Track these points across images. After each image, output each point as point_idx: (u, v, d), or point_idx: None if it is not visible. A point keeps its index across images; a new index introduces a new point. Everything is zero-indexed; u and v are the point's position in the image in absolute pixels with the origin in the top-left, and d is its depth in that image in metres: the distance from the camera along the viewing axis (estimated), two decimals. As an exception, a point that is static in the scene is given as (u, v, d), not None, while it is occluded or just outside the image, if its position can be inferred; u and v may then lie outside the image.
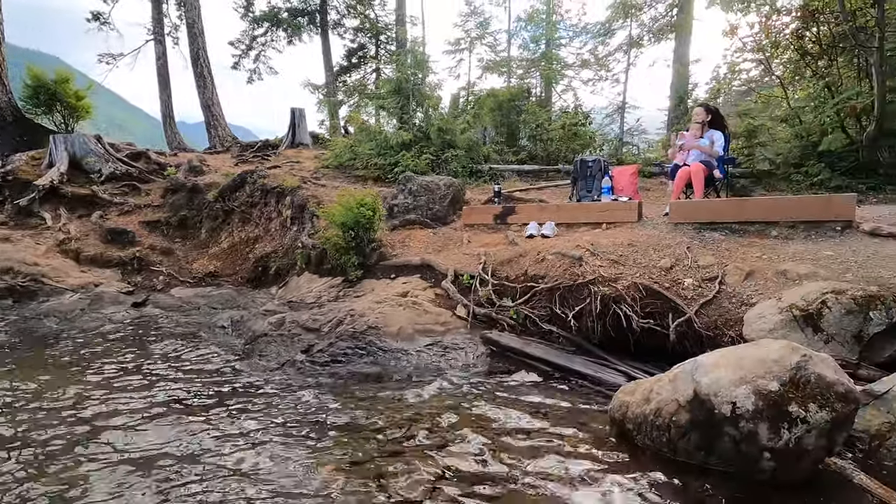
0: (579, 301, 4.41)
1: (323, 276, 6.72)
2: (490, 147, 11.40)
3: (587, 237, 5.27)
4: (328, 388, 3.70)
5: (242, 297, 7.00)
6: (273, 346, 4.63)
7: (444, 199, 7.24)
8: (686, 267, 4.32)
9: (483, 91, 14.74)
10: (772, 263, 4.08)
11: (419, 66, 11.19)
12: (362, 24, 20.21)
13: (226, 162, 12.16)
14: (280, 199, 8.68)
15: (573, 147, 11.14)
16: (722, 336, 3.69)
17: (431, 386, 3.70)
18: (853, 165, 7.73)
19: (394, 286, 5.70)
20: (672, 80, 15.49)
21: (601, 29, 18.92)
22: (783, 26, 9.60)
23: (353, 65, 21.10)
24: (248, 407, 3.28)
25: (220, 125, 15.66)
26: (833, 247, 4.15)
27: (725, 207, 4.95)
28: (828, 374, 2.15)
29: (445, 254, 6.05)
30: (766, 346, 2.36)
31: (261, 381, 3.85)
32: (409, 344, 4.47)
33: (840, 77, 8.89)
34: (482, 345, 4.40)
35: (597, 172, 6.49)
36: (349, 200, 6.09)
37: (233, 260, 8.40)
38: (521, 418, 3.04)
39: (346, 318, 4.81)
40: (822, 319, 3.17)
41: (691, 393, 2.35)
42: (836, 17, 8.27)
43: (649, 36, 17.67)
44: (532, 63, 17.38)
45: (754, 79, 12.86)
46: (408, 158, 9.80)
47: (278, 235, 8.29)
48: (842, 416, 2.10)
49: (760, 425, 2.14)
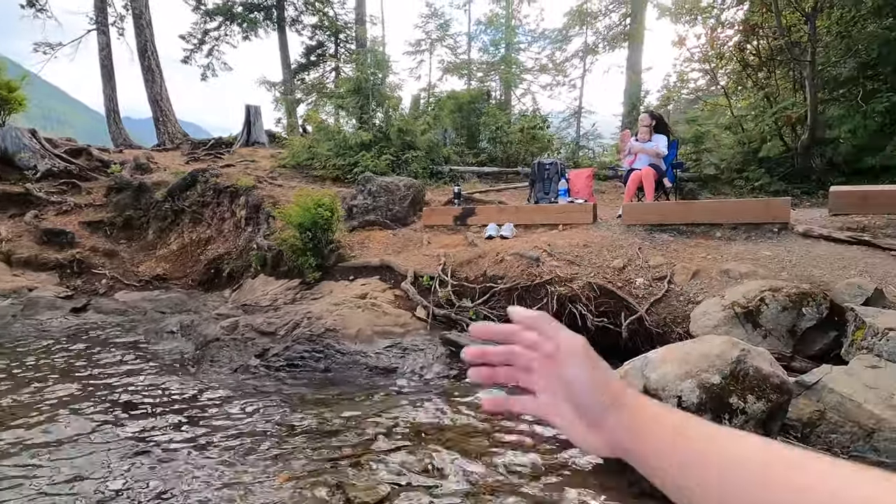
0: (537, 301, 4.50)
1: (279, 279, 6.54)
2: (450, 148, 11.45)
3: (545, 238, 5.37)
4: (284, 393, 3.61)
5: (193, 301, 6.72)
6: (226, 352, 4.47)
7: (404, 199, 7.21)
8: (637, 267, 4.48)
9: (443, 93, 14.81)
10: (716, 263, 4.29)
11: (379, 66, 11.10)
12: (321, 21, 19.85)
13: (175, 160, 11.66)
14: (234, 198, 8.40)
15: (532, 150, 11.35)
16: (671, 333, 3.85)
17: (390, 388, 3.68)
18: (789, 171, 8.25)
19: (353, 288, 5.63)
20: (625, 86, 16.06)
21: (558, 35, 19.39)
22: (727, 39, 10.16)
23: (311, 62, 20.68)
24: (198, 415, 3.15)
25: (170, 121, 14.99)
26: (771, 247, 4.41)
27: (674, 210, 5.17)
28: (764, 366, 2.28)
29: (405, 255, 6.03)
30: (709, 341, 2.48)
31: (212, 387, 3.71)
32: (367, 346, 4.41)
33: (778, 88, 9.48)
34: (441, 346, 4.41)
35: (554, 175, 6.64)
36: (307, 201, 5.97)
37: (183, 262, 8.05)
38: (479, 417, 3.07)
39: (303, 321, 4.70)
40: (761, 316, 3.36)
41: (641, 388, 2.44)
42: (773, 33, 8.82)
43: (604, 44, 18.26)
44: (492, 66, 17.60)
45: (701, 87, 13.51)
46: (367, 159, 9.70)
47: (232, 237, 8.02)
48: (777, 406, 2.24)
49: (704, 417, 2.24)
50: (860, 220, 4.38)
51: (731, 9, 10.19)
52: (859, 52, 7.67)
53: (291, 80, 19.59)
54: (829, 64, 8.09)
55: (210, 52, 19.21)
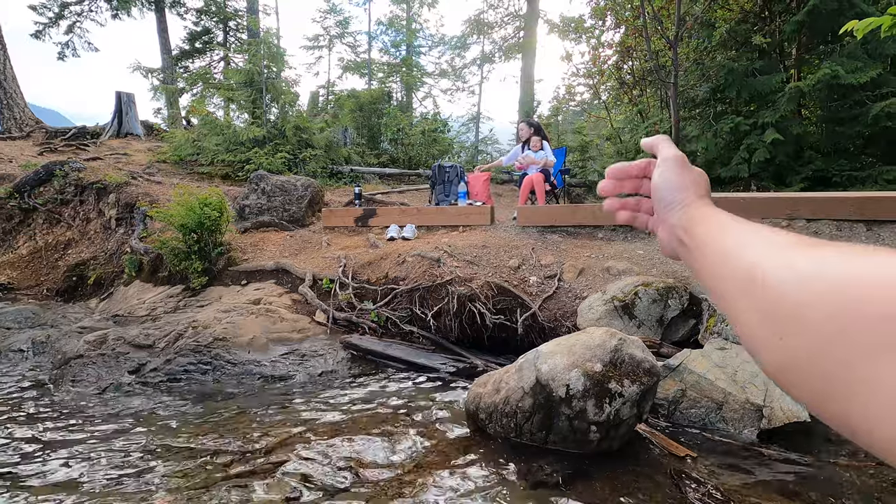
0: (438, 301, 4.57)
1: (159, 285, 5.93)
2: (351, 149, 11.24)
3: (445, 239, 5.48)
4: (164, 412, 3.27)
5: (50, 314, 5.83)
6: (91, 369, 3.93)
7: (301, 200, 6.92)
8: (531, 266, 4.75)
9: (344, 91, 14.49)
10: (599, 261, 4.69)
11: (274, 59, 10.55)
12: (207, 6, 18.36)
13: (25, 150, 10.05)
14: (102, 196, 7.45)
15: (433, 152, 11.54)
16: (561, 327, 4.14)
17: (286, 397, 3.50)
18: (658, 179, 9.29)
19: (245, 293, 5.27)
20: (520, 96, 16.99)
21: (457, 42, 19.97)
22: (607, 58, 11.20)
23: (196, 49, 19.03)
24: (55, 445, 2.74)
25: (17, 105, 12.85)
26: (644, 246, 4.93)
27: (562, 213, 5.56)
28: (637, 353, 2.54)
29: (303, 257, 5.79)
30: (592, 333, 2.70)
31: (73, 411, 3.24)
32: (262, 355, 4.16)
33: (649, 105, 10.66)
34: (342, 350, 4.30)
35: (454, 178, 6.81)
36: (191, 200, 5.47)
37: (35, 268, 6.96)
38: (381, 421, 3.04)
39: (186, 331, 4.30)
40: (636, 308, 3.74)
41: (534, 379, 2.59)
42: (644, 56, 9.89)
43: (500, 53, 19.16)
44: (393, 67, 17.62)
45: (586, 101, 14.73)
46: (261, 156, 9.16)
47: (99, 239, 7.10)
48: (648, 388, 2.50)
49: (588, 402, 2.44)
50: (712, 222, 5.08)
51: (610, 31, 11.24)
52: (710, 78, 8.88)
53: (173, 67, 17.85)
54: (688, 86, 9.25)
55: (70, 29, 16.85)
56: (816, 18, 7.21)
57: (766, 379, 2.76)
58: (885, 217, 4.49)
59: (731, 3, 8.58)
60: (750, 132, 7.97)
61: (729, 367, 2.87)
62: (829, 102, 7.51)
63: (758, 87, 7.90)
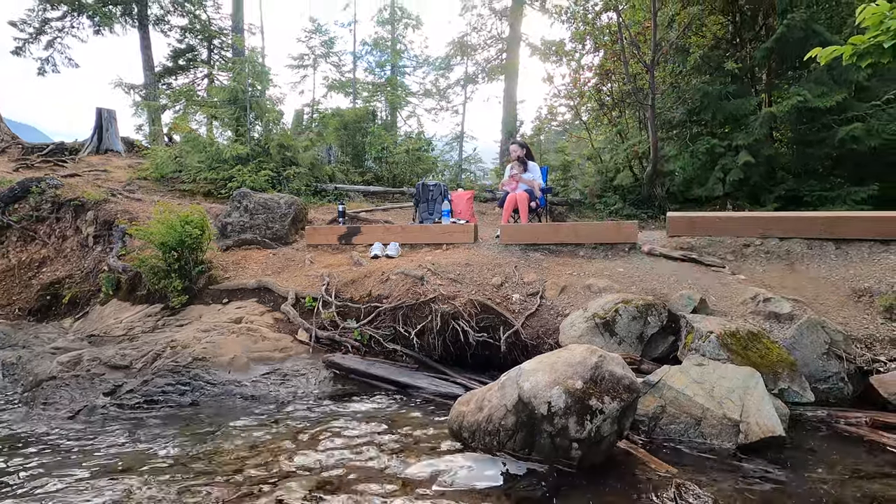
0: (421, 319, 4.57)
1: (137, 304, 5.81)
2: (335, 166, 11.27)
3: (429, 257, 5.51)
4: (140, 435, 3.19)
5: (21, 334, 5.66)
6: (65, 391, 3.83)
7: (284, 217, 6.90)
8: (514, 284, 4.79)
9: (328, 110, 14.58)
10: (580, 279, 4.76)
11: (259, 77, 10.59)
12: (192, 23, 18.38)
13: (0, 166, 9.85)
14: (79, 213, 7.32)
15: (417, 171, 11.63)
16: (543, 344, 4.17)
17: (267, 418, 3.45)
18: (639, 198, 9.51)
19: (226, 312, 5.20)
20: (503, 116, 17.28)
21: (442, 63, 20.31)
22: (587, 80, 11.51)
23: (180, 67, 18.96)
24: (21, 474, 2.65)
25: (-6, 120, 12.63)
26: (623, 264, 5.02)
27: (545, 231, 5.64)
28: (617, 370, 2.58)
29: (286, 275, 5.75)
30: (573, 350, 2.73)
31: (43, 436, 3.14)
32: (242, 375, 4.10)
33: (627, 126, 10.94)
34: (325, 369, 4.26)
35: (438, 196, 6.87)
36: (172, 217, 5.41)
37: (7, 287, 6.77)
38: (363, 441, 3.01)
39: (165, 351, 4.22)
40: (616, 325, 3.80)
41: (516, 397, 2.60)
42: (623, 79, 10.19)
43: (483, 75, 19.53)
44: (378, 87, 17.81)
45: (568, 121, 15.05)
46: (244, 174, 9.13)
47: (75, 257, 6.95)
48: (628, 404, 2.54)
49: (570, 419, 2.46)
50: (689, 241, 5.20)
51: (589, 54, 11.57)
52: (687, 101, 9.19)
53: (155, 83, 17.76)
54: (665, 108, 9.55)
55: (51, 45, 16.69)
56: (784, 45, 7.55)
57: (741, 394, 2.82)
58: (853, 236, 4.67)
59: (705, 30, 8.92)
60: (725, 153, 8.23)
61: (707, 382, 2.92)
62: (799, 125, 7.82)
63: (731, 110, 8.20)
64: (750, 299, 4.02)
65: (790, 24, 7.21)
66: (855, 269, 4.37)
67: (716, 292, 4.29)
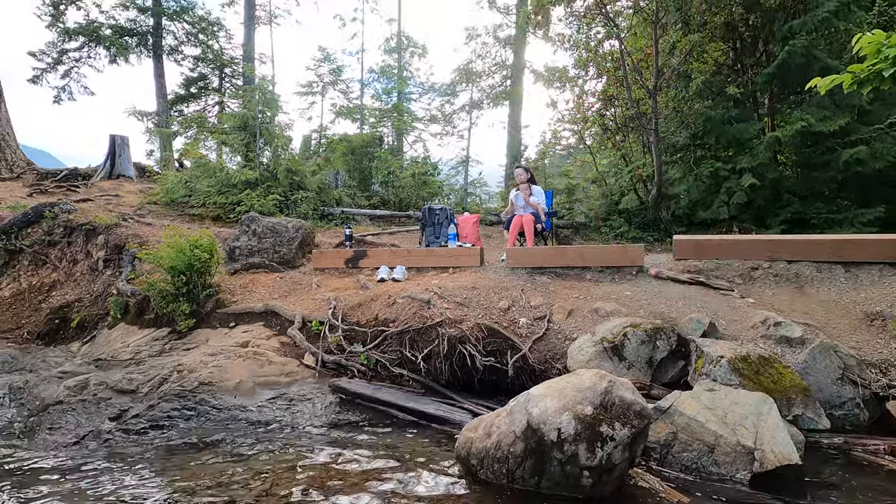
0: (428, 343, 4.55)
1: (144, 328, 5.83)
2: (343, 191, 11.40)
3: (435, 281, 5.51)
4: (144, 461, 3.16)
5: (29, 358, 5.68)
6: (70, 416, 3.82)
7: (292, 241, 6.95)
8: (521, 307, 4.77)
9: (336, 135, 14.83)
10: (587, 302, 4.74)
11: (268, 105, 10.84)
12: (204, 53, 18.93)
13: (15, 191, 10.06)
14: (90, 238, 7.41)
15: (423, 195, 11.73)
16: (551, 369, 4.13)
17: (273, 444, 3.41)
18: (644, 221, 9.52)
19: (233, 335, 5.21)
20: (507, 141, 17.49)
21: (447, 89, 20.71)
22: (590, 105, 11.67)
23: (192, 94, 19.46)
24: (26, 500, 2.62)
25: (9, 147, 12.91)
26: (631, 287, 5.00)
27: (551, 254, 5.65)
28: (627, 396, 2.55)
29: (293, 299, 5.76)
30: (582, 375, 2.71)
31: (48, 462, 3.13)
32: (248, 399, 4.08)
33: (631, 150, 11.04)
34: (331, 393, 4.23)
35: (444, 220, 6.92)
36: (181, 241, 5.48)
37: (17, 311, 6.81)
38: (370, 468, 2.96)
39: (171, 376, 4.22)
40: (625, 349, 3.76)
41: (525, 423, 2.57)
42: (626, 104, 10.34)
43: (488, 101, 19.87)
44: (384, 113, 18.14)
45: (572, 145, 15.21)
46: (253, 198, 9.25)
47: (85, 281, 7.01)
48: (639, 431, 2.49)
49: (580, 446, 2.42)
50: (697, 264, 5.18)
51: (592, 80, 11.77)
52: (690, 125, 9.28)
53: (168, 111, 18.20)
54: (668, 133, 9.64)
55: (67, 74, 17.22)
56: (786, 71, 7.64)
57: (755, 421, 2.77)
58: (862, 259, 4.63)
59: (706, 56, 9.07)
60: (729, 176, 8.26)
61: (719, 408, 2.87)
62: (803, 149, 7.85)
63: (734, 134, 8.26)
64: (760, 323, 3.98)
65: (791, 51, 7.32)
66: (866, 293, 4.33)
67: (725, 316, 4.25)
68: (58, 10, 16.55)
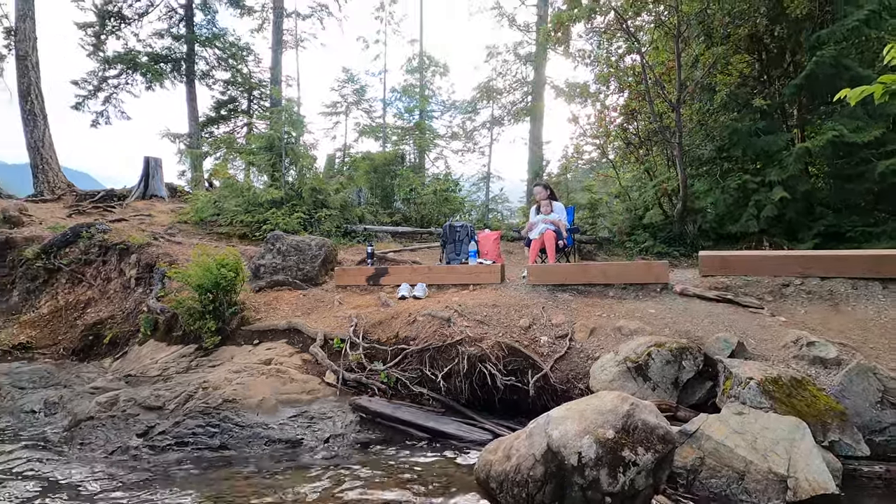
0: (448, 361, 4.53)
1: (172, 345, 5.98)
2: (365, 208, 11.56)
3: (456, 298, 5.50)
4: (168, 478, 3.22)
5: (64, 373, 5.88)
6: (101, 432, 3.93)
7: (315, 259, 7.06)
8: (542, 325, 4.72)
9: (359, 153, 15.11)
10: (610, 320, 4.65)
11: (294, 125, 11.14)
12: (234, 77, 19.65)
13: (55, 212, 10.54)
14: (124, 256, 7.70)
15: (444, 211, 11.79)
16: (573, 389, 4.05)
17: (293, 463, 3.43)
18: (669, 235, 9.34)
19: (256, 353, 5.29)
20: (529, 156, 17.49)
21: (468, 107, 20.91)
22: (612, 120, 11.59)
23: (221, 117, 20.18)
24: (58, 512, 2.70)
25: (51, 169, 13.58)
26: (655, 305, 4.89)
27: (573, 271, 5.58)
28: (650, 419, 2.48)
29: (315, 316, 5.83)
30: (603, 397, 2.65)
31: (79, 477, 3.21)
32: (270, 417, 4.12)
33: (655, 164, 10.89)
34: (351, 412, 4.24)
35: (464, 237, 6.92)
36: (208, 261, 5.63)
37: (54, 328, 7.09)
38: (389, 489, 2.95)
39: (197, 392, 4.30)
40: (649, 369, 3.67)
41: (545, 446, 2.52)
42: (648, 118, 10.23)
43: (509, 117, 19.97)
44: (406, 131, 18.41)
45: (594, 159, 15.10)
46: (278, 216, 9.47)
47: (118, 298, 7.26)
48: (663, 456, 2.42)
49: (601, 471, 2.36)
50: (724, 280, 5.04)
51: (614, 94, 11.71)
52: (715, 138, 9.12)
53: (199, 132, 18.89)
54: (693, 146, 9.49)
55: (107, 100, 18.09)
56: (814, 82, 7.46)
57: (787, 446, 2.65)
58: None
59: (730, 69, 8.94)
60: (758, 189, 8.05)
61: (748, 433, 2.76)
62: (835, 160, 7.62)
63: (763, 147, 8.07)
64: (792, 343, 3.83)
65: (819, 61, 7.15)
66: (906, 311, 4.12)
67: (754, 335, 4.11)
68: (99, 40, 17.51)
